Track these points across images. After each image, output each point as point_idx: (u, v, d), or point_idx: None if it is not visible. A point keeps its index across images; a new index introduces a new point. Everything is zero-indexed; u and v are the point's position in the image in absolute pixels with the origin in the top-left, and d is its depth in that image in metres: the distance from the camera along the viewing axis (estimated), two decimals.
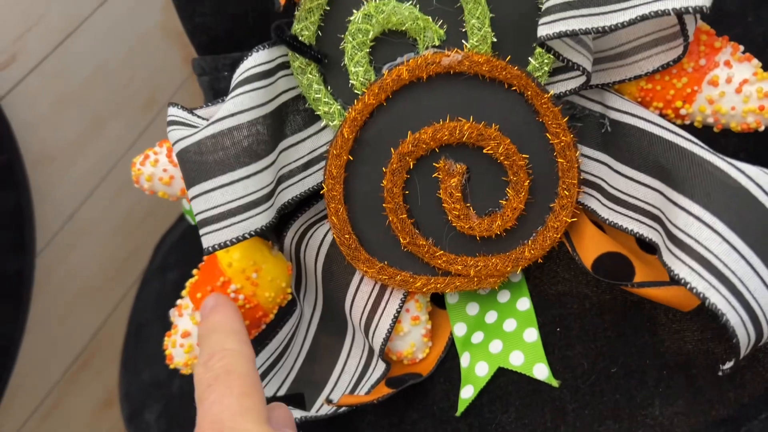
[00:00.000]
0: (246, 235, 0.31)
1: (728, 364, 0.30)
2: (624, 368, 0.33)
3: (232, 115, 0.31)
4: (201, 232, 0.32)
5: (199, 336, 0.31)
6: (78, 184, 0.72)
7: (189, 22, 0.44)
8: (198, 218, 0.32)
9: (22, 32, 0.60)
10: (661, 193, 0.31)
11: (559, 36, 0.30)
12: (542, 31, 0.30)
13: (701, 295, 0.28)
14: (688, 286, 0.28)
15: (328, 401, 0.36)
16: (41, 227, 0.69)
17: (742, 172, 0.29)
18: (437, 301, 0.40)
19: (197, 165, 0.31)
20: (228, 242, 0.31)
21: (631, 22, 0.29)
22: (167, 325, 0.37)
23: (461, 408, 0.36)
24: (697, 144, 0.30)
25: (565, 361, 0.35)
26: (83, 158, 0.72)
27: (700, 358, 0.33)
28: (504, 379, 0.35)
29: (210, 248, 0.32)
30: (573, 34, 0.30)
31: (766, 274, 0.28)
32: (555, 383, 0.34)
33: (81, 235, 0.74)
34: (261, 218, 0.32)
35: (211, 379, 0.27)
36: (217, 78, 0.42)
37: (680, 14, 0.28)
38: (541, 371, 0.35)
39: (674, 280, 0.29)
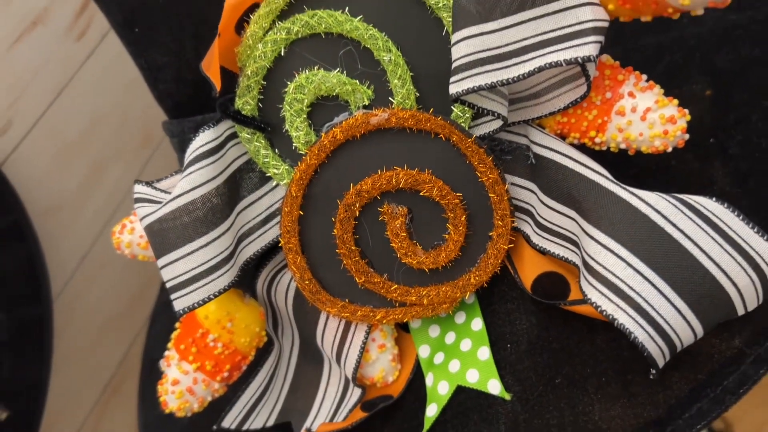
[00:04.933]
0: (211, 296, 0.35)
1: (658, 369, 0.33)
2: (567, 378, 0.37)
3: (186, 192, 0.35)
4: (171, 297, 0.36)
5: None
6: (87, 227, 0.77)
7: (155, 89, 0.47)
8: (168, 285, 0.36)
9: (13, 100, 0.65)
10: (576, 222, 0.34)
11: (468, 92, 0.33)
12: (453, 89, 0.33)
13: (610, 317, 0.31)
14: (599, 309, 0.31)
15: (308, 431, 0.40)
16: (58, 271, 0.74)
17: (643, 200, 0.32)
18: (404, 326, 0.43)
19: (161, 239, 0.35)
20: (196, 305, 0.35)
21: (531, 74, 0.32)
22: None
23: (427, 425, 0.39)
24: (603, 176, 0.33)
25: (515, 375, 0.38)
26: (89, 203, 0.77)
27: (635, 363, 0.36)
28: (463, 395, 0.39)
29: (181, 311, 0.35)
30: (480, 89, 0.33)
31: (668, 292, 0.31)
32: (507, 396, 0.38)
33: (96, 273, 0.79)
34: (223, 280, 0.36)
35: None
36: (184, 140, 0.46)
37: (570, 64, 0.31)
38: (494, 386, 0.38)
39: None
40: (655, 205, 0.32)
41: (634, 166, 0.42)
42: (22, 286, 0.67)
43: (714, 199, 0.32)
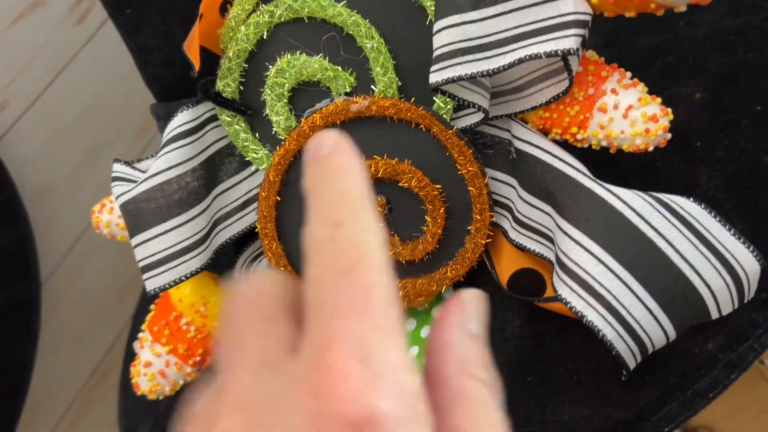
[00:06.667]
0: (182, 278, 0.35)
1: (629, 371, 0.33)
2: (539, 376, 0.36)
3: (161, 171, 0.35)
4: (143, 277, 0.35)
5: (314, 179, 0.18)
6: (80, 212, 0.77)
7: (144, 72, 0.47)
8: (140, 265, 0.35)
9: (9, 80, 0.65)
10: (552, 218, 0.34)
11: (448, 82, 0.33)
12: (433, 78, 0.33)
13: (579, 314, 0.31)
14: (569, 305, 0.31)
15: None
16: (49, 254, 0.74)
17: (618, 197, 0.31)
18: None
19: (135, 217, 0.35)
20: (167, 285, 0.35)
21: (511, 65, 0.32)
22: None
23: None
24: (580, 172, 0.33)
25: None
26: (83, 187, 0.77)
27: (607, 363, 0.35)
28: None
29: (152, 291, 0.35)
30: (460, 79, 0.32)
31: (640, 291, 0.30)
32: None
33: (88, 259, 0.79)
34: (196, 261, 0.35)
35: (348, 269, 0.16)
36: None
37: (551, 56, 0.31)
38: None
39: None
40: (631, 202, 0.31)
41: (619, 167, 0.42)
42: (11, 266, 0.67)
43: (691, 199, 0.31)
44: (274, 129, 0.37)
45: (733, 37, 0.45)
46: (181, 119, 0.36)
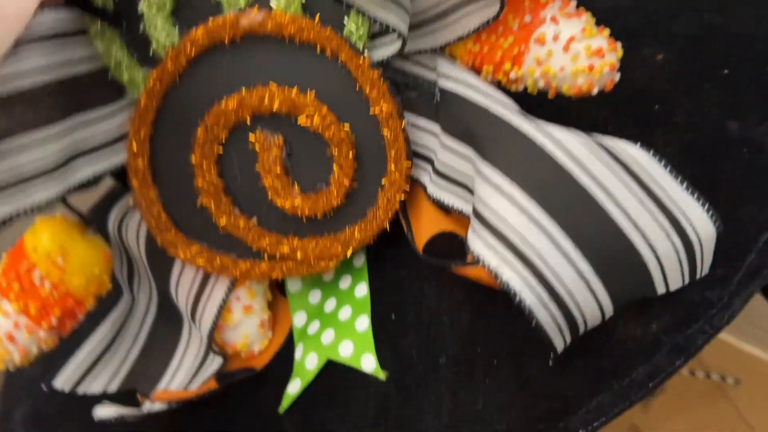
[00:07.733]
0: (20, 212, 0.29)
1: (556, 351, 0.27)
2: (452, 358, 0.30)
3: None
4: None
5: None
6: None
7: None
8: None
9: None
10: (473, 162, 0.28)
11: None
12: None
13: (493, 272, 0.25)
14: (482, 261, 0.25)
15: (142, 395, 0.34)
16: None
17: (550, 136, 0.26)
18: (282, 287, 0.37)
19: None
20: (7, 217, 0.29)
21: None
22: None
23: (285, 404, 0.33)
24: (510, 108, 0.27)
25: (395, 351, 0.32)
26: None
27: (532, 344, 0.29)
28: (333, 370, 0.33)
29: None
30: None
31: (570, 249, 0.25)
32: (382, 376, 0.31)
33: None
34: (41, 194, 0.29)
35: None
36: None
37: None
38: (369, 363, 0.32)
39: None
40: (565, 143, 0.26)
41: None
42: None
43: (639, 144, 0.26)
44: (153, 47, 0.31)
45: None
46: (45, 21, 0.29)
